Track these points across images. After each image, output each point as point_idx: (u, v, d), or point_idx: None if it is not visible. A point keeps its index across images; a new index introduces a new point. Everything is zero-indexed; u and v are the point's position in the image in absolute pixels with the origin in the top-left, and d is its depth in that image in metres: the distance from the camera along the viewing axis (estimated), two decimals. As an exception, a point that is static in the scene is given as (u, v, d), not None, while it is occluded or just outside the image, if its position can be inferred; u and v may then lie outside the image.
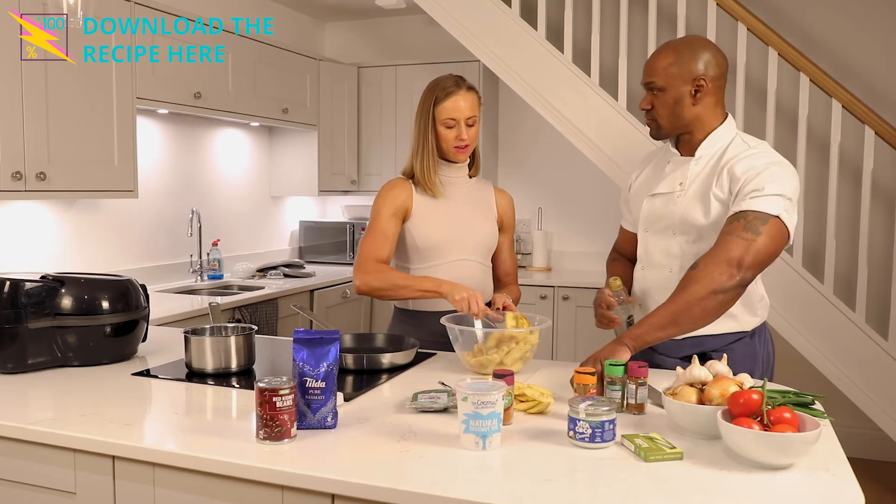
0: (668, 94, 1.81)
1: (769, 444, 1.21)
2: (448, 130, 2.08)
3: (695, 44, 1.84)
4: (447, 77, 2.12)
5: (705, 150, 1.84)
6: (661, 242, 1.90)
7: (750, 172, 1.71)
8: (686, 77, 1.79)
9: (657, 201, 1.90)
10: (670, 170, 1.89)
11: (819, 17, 3.80)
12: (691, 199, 1.83)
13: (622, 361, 1.55)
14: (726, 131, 1.84)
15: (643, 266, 1.95)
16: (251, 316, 3.34)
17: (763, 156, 1.75)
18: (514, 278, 2.30)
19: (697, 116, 1.82)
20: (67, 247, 3.22)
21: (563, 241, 4.54)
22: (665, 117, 1.83)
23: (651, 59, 1.85)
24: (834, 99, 3.07)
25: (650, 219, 1.91)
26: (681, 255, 1.86)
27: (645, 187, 1.96)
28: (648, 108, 1.85)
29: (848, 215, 3.64)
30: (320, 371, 1.40)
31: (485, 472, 1.23)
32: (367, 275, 2.03)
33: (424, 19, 4.43)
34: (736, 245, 1.63)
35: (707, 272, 1.63)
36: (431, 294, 1.98)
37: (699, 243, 1.82)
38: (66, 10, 2.08)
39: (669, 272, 1.87)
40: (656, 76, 1.81)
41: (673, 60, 1.80)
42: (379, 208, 2.11)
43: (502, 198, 2.27)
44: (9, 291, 1.77)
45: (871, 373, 3.03)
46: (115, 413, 1.51)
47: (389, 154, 4.63)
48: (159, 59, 3.20)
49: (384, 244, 2.07)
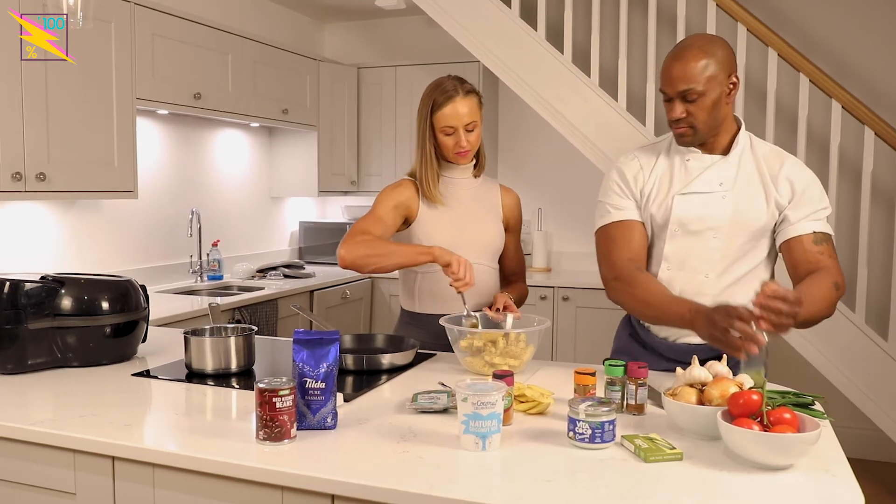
0: (707, 98, 1.71)
1: (769, 444, 1.21)
2: (447, 138, 2.03)
3: (716, 41, 1.76)
4: (446, 80, 2.05)
5: (738, 149, 1.80)
6: (697, 245, 1.80)
7: (813, 188, 1.78)
8: (722, 77, 1.72)
9: (696, 200, 1.79)
10: (698, 168, 1.80)
11: (819, 18, 3.80)
12: (739, 200, 1.78)
13: (622, 362, 1.55)
14: (744, 130, 1.83)
15: (669, 267, 1.82)
16: (251, 316, 3.34)
17: (804, 166, 1.82)
18: (521, 276, 2.27)
19: (727, 116, 1.78)
20: (67, 247, 3.22)
21: (562, 242, 4.54)
22: (704, 122, 1.74)
23: (679, 66, 1.72)
24: (834, 99, 3.07)
25: (686, 219, 1.79)
26: (721, 260, 1.79)
27: (666, 186, 1.83)
28: (683, 116, 1.74)
29: (848, 215, 3.64)
30: (320, 372, 1.40)
31: (484, 472, 1.23)
32: (352, 244, 1.93)
33: (424, 20, 4.43)
34: (839, 269, 1.75)
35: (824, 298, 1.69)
36: (423, 256, 1.89)
37: (744, 247, 1.78)
38: (66, 10, 2.08)
39: (706, 277, 1.79)
40: (694, 81, 1.69)
41: (707, 62, 1.70)
42: (380, 199, 2.07)
43: (509, 197, 2.24)
44: (9, 292, 1.77)
45: (870, 373, 3.03)
46: (115, 414, 1.51)
47: (389, 155, 4.64)
48: (159, 60, 3.20)
49: (378, 225, 2.00)
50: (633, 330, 1.97)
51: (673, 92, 1.74)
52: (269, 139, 4.55)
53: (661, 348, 1.87)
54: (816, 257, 1.73)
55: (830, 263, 1.74)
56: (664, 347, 1.87)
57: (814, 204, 1.76)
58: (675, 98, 1.74)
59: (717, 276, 1.78)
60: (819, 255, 1.74)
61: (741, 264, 1.79)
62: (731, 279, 1.79)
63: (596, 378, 1.55)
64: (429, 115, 2.04)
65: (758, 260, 1.81)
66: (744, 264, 1.80)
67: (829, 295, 1.68)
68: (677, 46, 1.77)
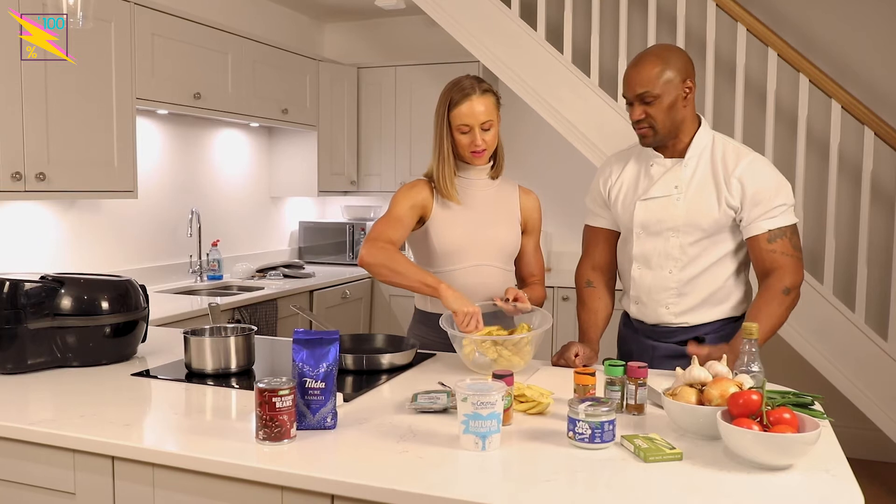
0: (663, 101, 1.85)
1: (769, 444, 1.21)
2: (463, 136, 2.03)
3: (672, 50, 1.91)
4: (463, 79, 2.05)
5: (693, 151, 1.92)
6: (659, 244, 1.95)
7: (767, 188, 1.86)
8: (677, 82, 1.86)
9: (653, 205, 1.95)
10: (658, 172, 1.95)
11: (819, 18, 3.80)
12: (692, 201, 1.91)
13: (622, 362, 1.55)
14: (706, 131, 1.94)
15: (639, 266, 2.00)
16: (251, 316, 3.34)
17: (762, 163, 1.91)
18: (539, 279, 2.24)
19: (684, 119, 1.91)
20: (67, 247, 3.22)
21: (562, 242, 4.54)
22: (662, 122, 1.87)
23: (635, 72, 1.87)
24: (833, 100, 3.06)
25: (647, 222, 1.96)
26: (681, 257, 1.94)
27: (631, 190, 2.00)
28: (642, 117, 1.88)
29: (848, 215, 3.64)
30: (320, 371, 1.40)
31: (484, 472, 1.23)
32: (375, 249, 1.95)
33: (424, 20, 4.43)
34: (793, 266, 1.86)
35: (780, 300, 1.84)
36: (429, 290, 1.90)
37: (702, 243, 1.92)
38: (66, 10, 2.08)
39: (669, 273, 1.95)
40: (650, 85, 1.84)
41: (662, 67, 1.85)
42: (397, 199, 2.07)
43: (528, 199, 2.23)
44: (8, 292, 1.77)
45: (870, 373, 3.03)
46: (115, 413, 1.51)
47: (389, 154, 4.64)
48: (159, 60, 3.20)
49: (398, 227, 2.02)
50: (626, 319, 2.14)
51: (632, 95, 1.89)
52: (269, 139, 4.55)
53: (654, 334, 2.03)
54: (771, 256, 1.87)
55: (784, 262, 1.86)
56: (658, 332, 2.02)
57: (767, 203, 1.86)
58: (634, 101, 1.89)
59: (680, 271, 1.94)
60: (772, 254, 1.86)
61: (701, 259, 1.93)
62: (693, 272, 1.94)
63: (596, 378, 1.55)
64: (446, 112, 2.04)
65: (720, 254, 1.93)
66: (704, 259, 1.93)
67: (778, 308, 1.84)
68: (637, 56, 1.92)
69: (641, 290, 2.00)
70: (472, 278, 2.06)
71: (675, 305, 1.96)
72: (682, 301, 1.95)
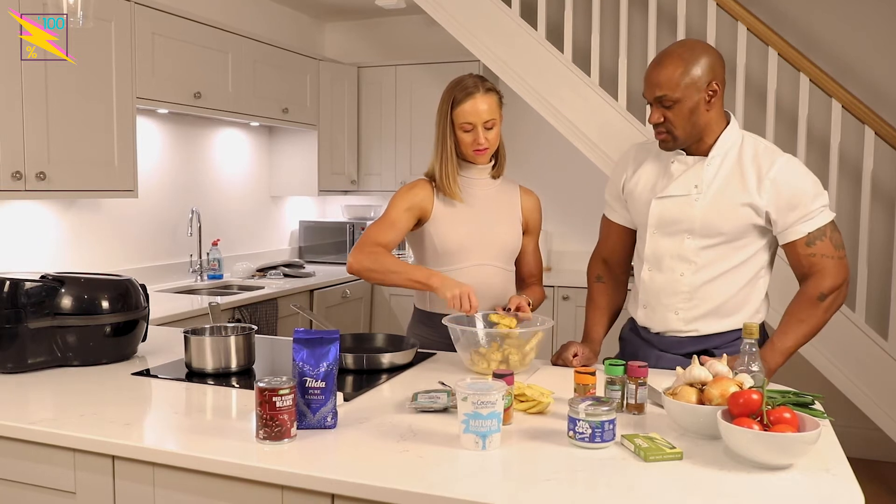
0: (684, 105, 1.74)
1: (769, 444, 1.21)
2: (466, 134, 2.03)
3: (697, 49, 1.77)
4: (467, 77, 2.06)
5: (718, 150, 1.81)
6: (673, 246, 1.86)
7: (804, 192, 1.77)
8: (700, 85, 1.73)
9: (669, 203, 1.84)
10: (679, 170, 1.84)
11: (819, 18, 3.80)
12: (712, 202, 1.80)
13: (622, 361, 1.55)
14: (734, 130, 1.83)
15: (650, 267, 1.90)
16: (251, 316, 3.34)
17: (797, 164, 1.81)
18: (538, 279, 2.25)
19: (708, 123, 1.79)
20: (67, 247, 3.22)
21: (562, 241, 4.54)
22: (682, 128, 1.77)
23: (655, 73, 1.76)
24: (834, 99, 3.06)
25: (661, 221, 1.86)
26: (695, 260, 1.83)
27: (649, 187, 1.90)
28: (661, 121, 1.77)
29: (848, 215, 3.64)
30: (320, 371, 1.40)
31: (484, 472, 1.23)
32: (361, 254, 2.00)
33: (424, 19, 4.43)
34: (834, 268, 1.78)
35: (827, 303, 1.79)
36: (420, 286, 1.94)
37: (719, 247, 1.82)
38: (66, 9, 2.08)
39: (681, 276, 1.85)
40: (669, 89, 1.73)
41: (683, 70, 1.73)
42: (394, 201, 2.08)
43: (528, 199, 2.23)
44: (9, 291, 1.77)
45: (870, 373, 3.03)
46: (115, 413, 1.51)
47: (389, 154, 4.63)
48: (159, 59, 3.20)
49: (389, 231, 2.04)
50: (633, 325, 2.03)
51: (650, 97, 1.78)
52: (269, 138, 4.55)
53: (662, 344, 1.92)
54: (809, 260, 1.79)
55: (823, 265, 1.78)
56: (666, 343, 1.92)
57: (804, 206, 1.76)
58: (653, 103, 1.79)
59: (692, 275, 1.84)
60: (811, 258, 1.78)
61: (717, 264, 1.83)
62: (707, 277, 1.83)
63: (596, 377, 1.55)
64: (449, 110, 2.04)
65: (737, 260, 1.83)
66: (720, 264, 1.83)
67: (811, 315, 1.78)
68: (660, 53, 1.81)
69: (650, 294, 1.90)
70: (474, 278, 2.06)
71: (685, 312, 1.85)
72: (693, 308, 1.85)
